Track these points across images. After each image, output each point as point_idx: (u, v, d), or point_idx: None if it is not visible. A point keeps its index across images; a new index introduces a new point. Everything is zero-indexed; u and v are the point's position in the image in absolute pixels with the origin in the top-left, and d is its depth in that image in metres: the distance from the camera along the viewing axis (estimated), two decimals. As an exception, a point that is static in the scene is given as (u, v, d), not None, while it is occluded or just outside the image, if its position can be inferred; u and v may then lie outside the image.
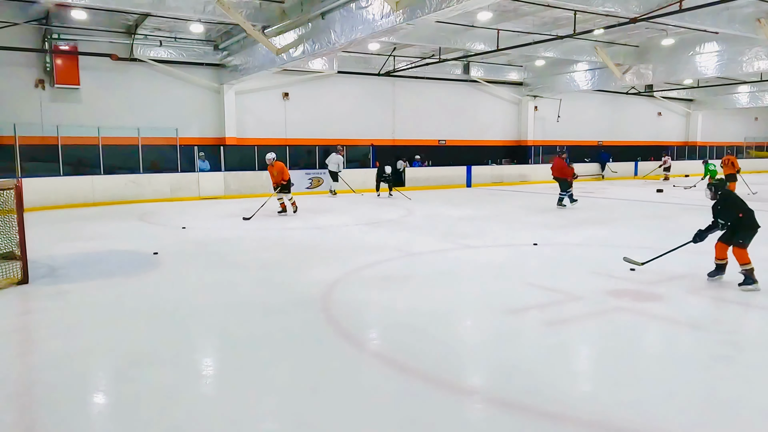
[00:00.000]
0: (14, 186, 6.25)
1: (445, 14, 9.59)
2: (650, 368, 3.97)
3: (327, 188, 17.98)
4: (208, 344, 4.69)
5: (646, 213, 12.95)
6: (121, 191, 15.37)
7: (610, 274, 6.74)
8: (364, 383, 3.78)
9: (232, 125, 18.69)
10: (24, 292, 6.04)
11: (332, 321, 5.05)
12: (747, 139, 33.75)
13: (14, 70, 15.56)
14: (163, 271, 7.14)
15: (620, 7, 12.66)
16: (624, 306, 5.38)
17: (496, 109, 24.79)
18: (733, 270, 6.16)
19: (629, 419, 3.20)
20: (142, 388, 3.65)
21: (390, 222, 11.62)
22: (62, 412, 3.35)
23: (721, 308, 5.50)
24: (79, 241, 9.29)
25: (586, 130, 27.22)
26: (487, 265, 7.40)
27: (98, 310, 5.40)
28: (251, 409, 3.39)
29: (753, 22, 14.27)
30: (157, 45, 16.96)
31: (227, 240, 9.47)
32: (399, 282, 6.45)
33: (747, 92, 28.22)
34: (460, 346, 4.52)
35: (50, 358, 4.19)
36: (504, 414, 3.36)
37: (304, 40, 13.19)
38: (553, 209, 13.56)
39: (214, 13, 12.75)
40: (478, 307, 5.56)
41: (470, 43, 17.09)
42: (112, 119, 16.46)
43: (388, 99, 22.13)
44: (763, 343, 4.54)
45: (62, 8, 14.28)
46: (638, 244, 8.80)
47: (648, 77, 20.02)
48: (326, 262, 7.56)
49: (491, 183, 22.26)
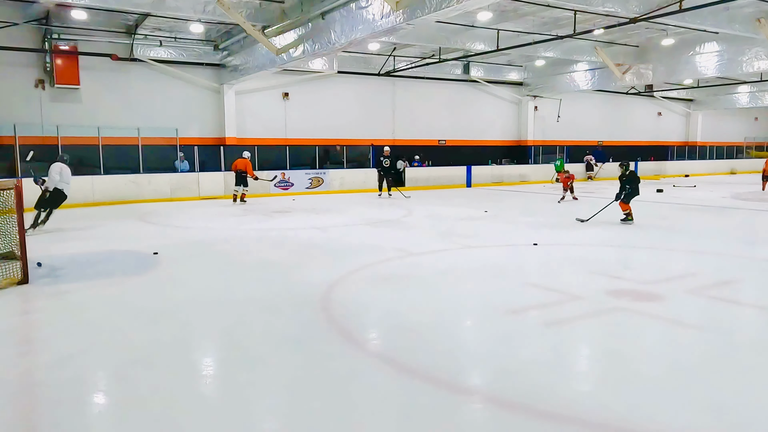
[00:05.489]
0: (14, 186, 6.25)
1: (445, 14, 9.60)
2: (650, 368, 3.96)
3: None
4: (208, 344, 4.69)
5: (645, 213, 12.95)
6: (121, 191, 15.37)
7: (610, 274, 6.74)
8: (363, 383, 3.78)
9: (232, 125, 18.70)
10: (24, 292, 6.03)
11: (332, 321, 5.05)
12: (747, 139, 33.76)
13: (14, 70, 15.57)
14: (162, 271, 7.13)
15: (620, 7, 12.67)
16: (624, 306, 5.38)
17: (496, 109, 24.80)
18: (733, 270, 6.16)
19: (629, 419, 3.20)
20: (142, 388, 3.65)
21: (390, 222, 11.62)
22: (62, 412, 3.35)
23: (721, 308, 5.50)
24: (79, 241, 9.29)
25: (586, 130, 27.23)
26: (487, 265, 7.40)
27: (98, 310, 5.40)
28: (251, 409, 3.38)
29: (753, 22, 14.28)
30: (157, 45, 16.98)
31: (227, 240, 9.47)
32: (399, 282, 6.45)
33: (747, 92, 28.24)
34: (460, 346, 4.51)
35: (50, 358, 4.19)
36: (504, 414, 3.35)
37: (304, 40, 13.20)
38: (554, 209, 13.57)
39: (214, 13, 12.76)
40: (478, 307, 5.56)
41: (470, 43, 17.10)
42: (112, 119, 16.47)
43: (388, 99, 22.14)
44: (763, 344, 4.54)
45: (62, 8, 14.28)
46: (638, 244, 8.81)
47: (648, 77, 20.03)
48: (326, 262, 7.56)
49: (491, 183, 22.26)
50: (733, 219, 12.08)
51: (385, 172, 16.99)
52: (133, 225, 11.32)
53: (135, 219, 12.15)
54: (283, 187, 17.74)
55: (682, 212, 13.01)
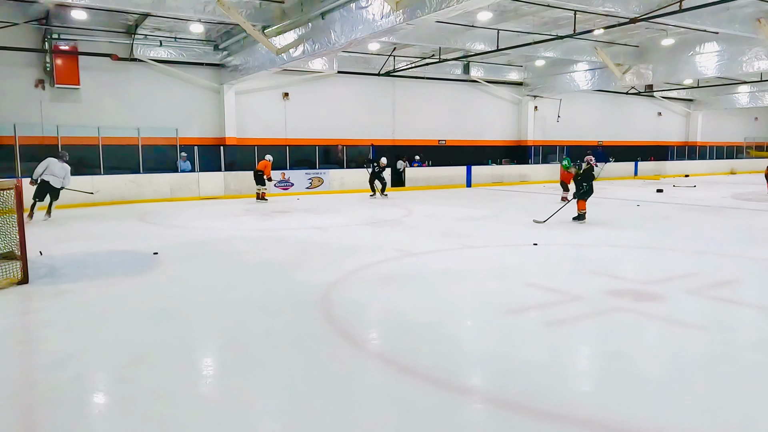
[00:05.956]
0: (14, 186, 6.25)
1: (445, 14, 9.59)
2: (650, 368, 3.96)
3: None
4: (208, 344, 4.69)
5: (646, 213, 12.95)
6: (121, 191, 15.37)
7: (610, 274, 6.74)
8: (363, 383, 3.78)
9: (232, 125, 18.70)
10: (24, 292, 6.03)
11: (332, 321, 5.05)
12: (747, 139, 33.77)
13: (14, 70, 15.57)
14: (162, 271, 7.13)
15: (620, 7, 12.67)
16: (624, 306, 5.38)
17: (496, 109, 24.80)
18: (733, 270, 6.16)
19: (629, 419, 3.19)
20: (142, 388, 3.65)
21: (390, 222, 11.62)
22: (62, 412, 3.35)
23: (721, 308, 5.50)
24: (79, 241, 9.29)
25: (586, 130, 27.23)
26: (487, 265, 7.40)
27: (98, 310, 5.40)
28: (251, 409, 3.39)
29: (753, 22, 14.28)
30: (157, 45, 16.97)
31: (227, 240, 9.47)
32: (399, 282, 6.45)
33: (747, 92, 28.24)
34: (460, 346, 4.51)
35: (50, 358, 4.19)
36: (504, 414, 3.35)
37: (304, 40, 13.20)
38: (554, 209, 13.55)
39: (214, 13, 12.77)
40: (478, 307, 5.56)
41: (470, 43, 17.10)
42: (112, 119, 16.47)
43: (388, 99, 22.13)
44: (763, 343, 4.54)
45: (62, 8, 14.29)
46: (638, 244, 8.80)
47: (648, 77, 20.03)
48: (326, 262, 7.56)
49: (491, 183, 22.26)
50: (733, 219, 12.08)
51: (374, 174, 17.03)
52: (133, 225, 11.32)
53: (135, 219, 12.15)
54: (283, 187, 17.75)
55: (682, 212, 13.01)
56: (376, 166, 17.00)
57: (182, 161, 17.21)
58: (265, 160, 16.35)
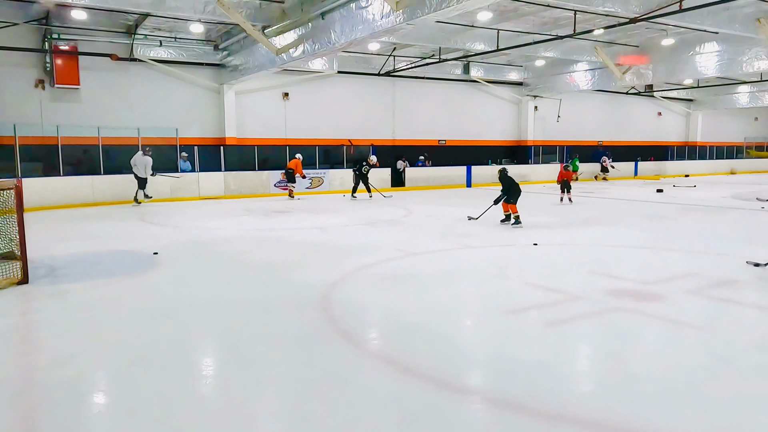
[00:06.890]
0: (14, 186, 6.25)
1: (445, 14, 9.60)
2: (650, 368, 3.96)
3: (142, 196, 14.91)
4: (208, 344, 4.69)
5: (646, 213, 12.95)
6: (121, 191, 15.35)
7: (610, 274, 6.74)
8: (363, 383, 3.78)
9: (232, 125, 18.70)
10: (24, 292, 6.03)
11: (332, 321, 5.05)
12: (747, 139, 33.76)
13: (14, 70, 15.57)
14: (163, 271, 7.13)
15: (620, 7, 12.67)
16: (624, 306, 5.38)
17: (496, 109, 24.80)
18: (733, 270, 6.16)
19: (629, 419, 3.20)
20: (142, 388, 3.65)
21: (390, 222, 11.62)
22: (62, 412, 3.35)
23: (721, 308, 5.50)
24: (79, 241, 9.29)
25: (586, 130, 27.23)
26: (487, 265, 7.40)
27: (98, 310, 5.40)
28: (251, 408, 3.39)
29: (753, 22, 14.27)
30: (157, 45, 16.97)
31: (227, 240, 9.47)
32: (399, 282, 6.44)
33: (747, 92, 28.24)
34: (460, 346, 4.51)
35: (50, 358, 4.19)
36: (504, 414, 3.35)
37: (304, 40, 13.19)
38: (554, 209, 13.57)
39: (214, 13, 12.76)
40: (478, 307, 5.56)
41: (470, 43, 17.10)
42: (112, 119, 16.47)
43: (388, 99, 22.13)
44: (763, 344, 4.54)
45: (62, 8, 14.29)
46: (638, 244, 8.80)
47: (648, 77, 20.03)
48: (326, 262, 7.55)
49: (491, 183, 22.22)
50: (733, 219, 12.09)
51: (360, 175, 16.68)
52: (133, 225, 11.32)
53: (135, 219, 12.15)
54: (283, 187, 17.73)
55: (682, 212, 13.01)
56: (365, 166, 16.80)
57: (183, 161, 17.22)
58: (296, 159, 16.78)
